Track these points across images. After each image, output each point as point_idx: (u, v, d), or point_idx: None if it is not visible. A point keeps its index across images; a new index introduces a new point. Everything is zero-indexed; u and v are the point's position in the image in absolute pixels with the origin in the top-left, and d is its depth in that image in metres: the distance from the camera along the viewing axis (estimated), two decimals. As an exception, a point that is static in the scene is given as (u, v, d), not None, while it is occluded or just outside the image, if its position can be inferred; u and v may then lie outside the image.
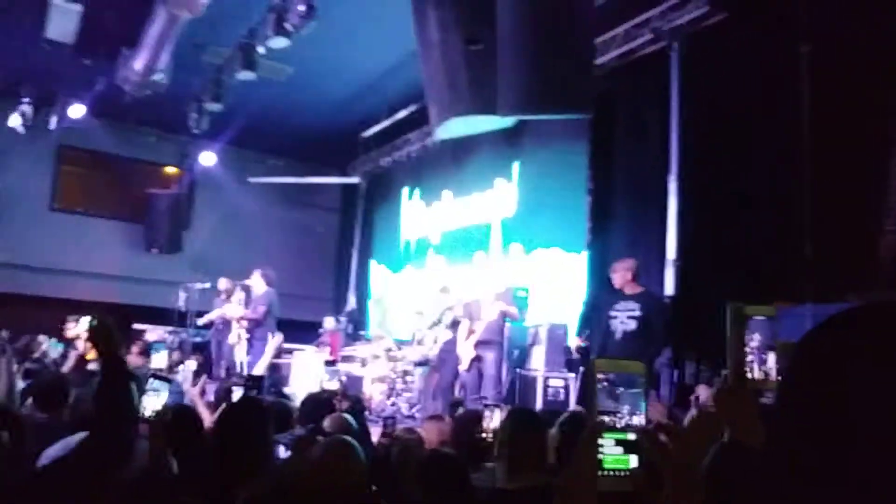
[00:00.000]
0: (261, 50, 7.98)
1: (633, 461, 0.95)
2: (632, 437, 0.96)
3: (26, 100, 10.34)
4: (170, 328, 10.66)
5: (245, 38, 8.07)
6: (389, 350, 9.06)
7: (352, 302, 12.59)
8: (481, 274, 9.00)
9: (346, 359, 9.54)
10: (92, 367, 5.22)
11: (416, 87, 6.31)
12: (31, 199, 11.85)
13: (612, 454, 0.95)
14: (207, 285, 10.44)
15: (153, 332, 10.57)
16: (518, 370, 7.57)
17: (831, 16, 5.42)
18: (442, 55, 5.00)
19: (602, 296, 6.36)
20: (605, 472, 0.94)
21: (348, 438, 2.52)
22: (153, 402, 2.69)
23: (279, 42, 7.45)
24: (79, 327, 5.21)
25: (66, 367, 5.36)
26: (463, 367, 7.56)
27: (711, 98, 6.60)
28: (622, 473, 0.94)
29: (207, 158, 12.35)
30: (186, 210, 12.91)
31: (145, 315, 10.71)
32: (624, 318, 5.84)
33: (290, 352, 9.73)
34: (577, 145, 8.19)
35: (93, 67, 9.19)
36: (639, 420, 0.98)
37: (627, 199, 7.63)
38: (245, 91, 9.02)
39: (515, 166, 9.44)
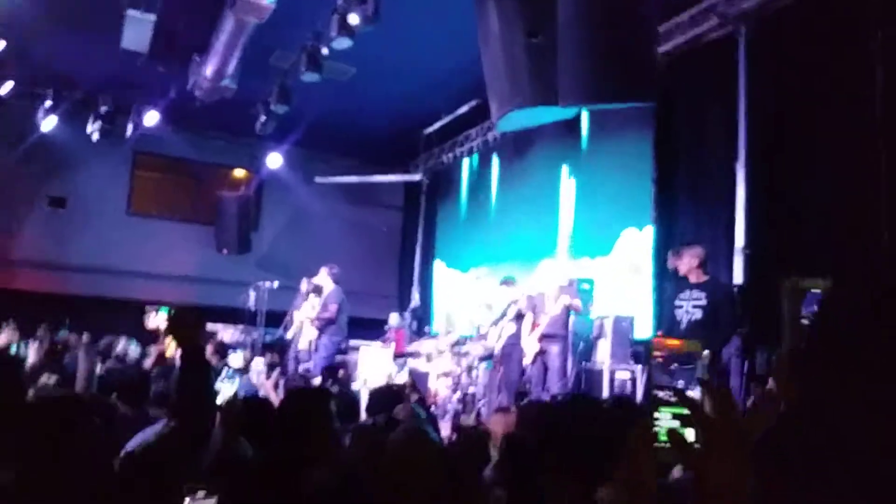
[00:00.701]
0: (324, 51, 8.16)
1: (689, 434, 0.94)
2: (688, 411, 0.94)
3: (103, 108, 10.80)
4: (241, 327, 11.01)
5: (310, 40, 8.25)
6: (454, 345, 9.12)
7: (416, 299, 12.71)
8: (547, 270, 8.97)
9: (411, 355, 9.65)
10: (172, 362, 5.43)
11: (476, 83, 6.34)
12: (108, 205, 12.40)
13: (669, 427, 0.96)
14: (276, 284, 10.73)
15: (225, 332, 10.94)
16: (584, 363, 7.52)
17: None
18: (503, 48, 5.02)
19: (667, 285, 6.27)
20: (662, 444, 0.94)
21: (423, 426, 2.58)
22: (227, 391, 2.81)
23: (343, 43, 7.60)
24: (157, 318, 5.42)
25: (148, 364, 5.59)
26: (527, 360, 7.56)
27: (780, 84, 6.43)
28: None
29: (274, 160, 12.68)
30: (255, 211, 13.29)
31: (218, 315, 11.06)
32: (689, 308, 5.75)
33: (356, 348, 9.92)
34: (641, 134, 8.10)
35: (166, 75, 9.57)
36: (693, 394, 0.97)
37: (693, 188, 7.49)
38: (309, 93, 9.22)
39: (578, 159, 9.36)
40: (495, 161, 11.38)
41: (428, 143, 12.65)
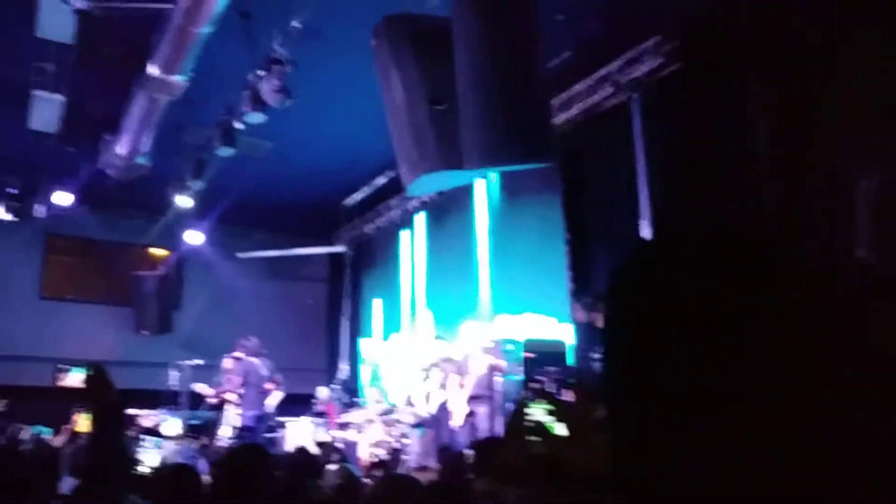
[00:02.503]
0: (239, 126, 8.24)
1: (560, 428, 1.02)
2: (555, 406, 1.03)
3: (12, 190, 10.53)
4: (164, 410, 10.61)
5: (223, 115, 8.33)
6: (384, 414, 9.04)
7: (344, 370, 12.56)
8: (470, 330, 9.06)
9: (343, 426, 9.51)
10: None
11: (392, 153, 6.53)
12: (19, 288, 11.94)
13: (543, 422, 1.01)
14: (201, 362, 10.47)
15: (147, 418, 10.52)
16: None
17: (776, 52, 5.71)
18: (408, 115, 5.22)
19: (583, 342, 6.44)
20: (535, 439, 1.00)
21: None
22: (150, 457, 2.76)
23: (256, 118, 7.70)
24: (71, 378, 5.23)
25: (59, 442, 5.35)
26: (457, 422, 7.56)
27: (674, 142, 6.86)
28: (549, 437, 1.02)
29: (194, 237, 12.50)
30: (176, 290, 13.00)
31: (139, 398, 10.65)
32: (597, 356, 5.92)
33: (282, 425, 9.72)
34: (551, 195, 8.40)
35: (77, 155, 9.45)
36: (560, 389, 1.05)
37: (604, 246, 7.79)
38: (227, 168, 9.26)
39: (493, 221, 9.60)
40: (417, 227, 11.55)
41: (349, 214, 12.78)
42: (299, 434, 8.91)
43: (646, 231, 6.95)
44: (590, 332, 6.37)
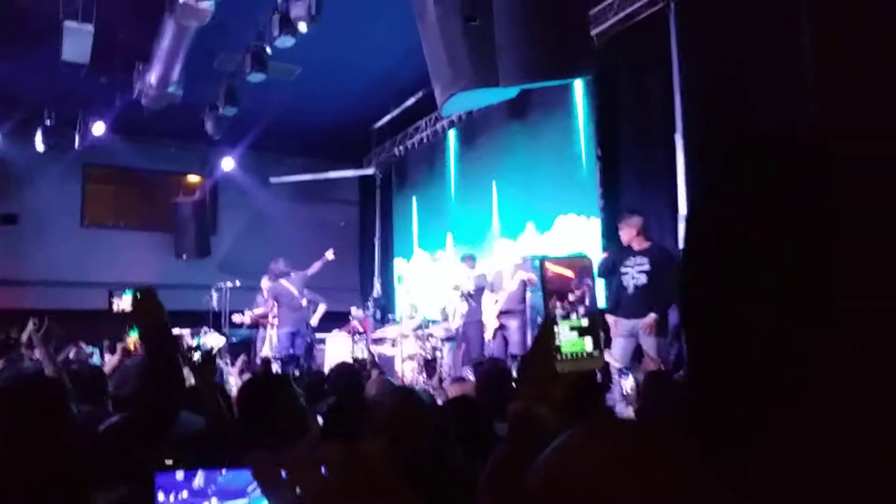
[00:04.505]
0: (268, 51, 8.24)
1: (588, 344, 0.99)
2: (585, 322, 1.00)
3: (49, 122, 10.71)
4: (205, 329, 11.04)
5: (253, 40, 8.32)
6: (418, 328, 9.32)
7: (378, 288, 12.87)
8: (503, 248, 9.21)
9: (377, 341, 9.83)
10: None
11: (422, 74, 6.49)
12: (61, 218, 12.29)
13: (568, 340, 0.99)
14: (238, 284, 10.80)
15: (190, 337, 10.96)
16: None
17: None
18: (442, 33, 5.20)
19: (613, 254, 6.53)
20: (564, 357, 0.98)
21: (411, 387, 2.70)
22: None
23: (286, 42, 7.69)
24: (124, 301, 5.42)
25: (113, 362, 5.60)
26: (488, 335, 7.81)
27: (710, 54, 6.73)
28: (580, 356, 0.99)
29: (227, 164, 12.71)
30: (212, 215, 13.29)
31: (182, 320, 11.06)
32: (635, 273, 6.05)
33: (321, 341, 10.07)
34: (585, 114, 8.36)
35: (110, 85, 9.54)
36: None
37: (636, 162, 7.77)
38: (258, 94, 9.30)
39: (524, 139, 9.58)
40: (447, 148, 11.56)
41: (379, 136, 12.80)
42: (337, 349, 9.24)
43: (679, 149, 6.92)
44: (619, 249, 6.44)
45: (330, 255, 9.88)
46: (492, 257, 9.32)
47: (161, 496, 1.63)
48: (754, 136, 0.57)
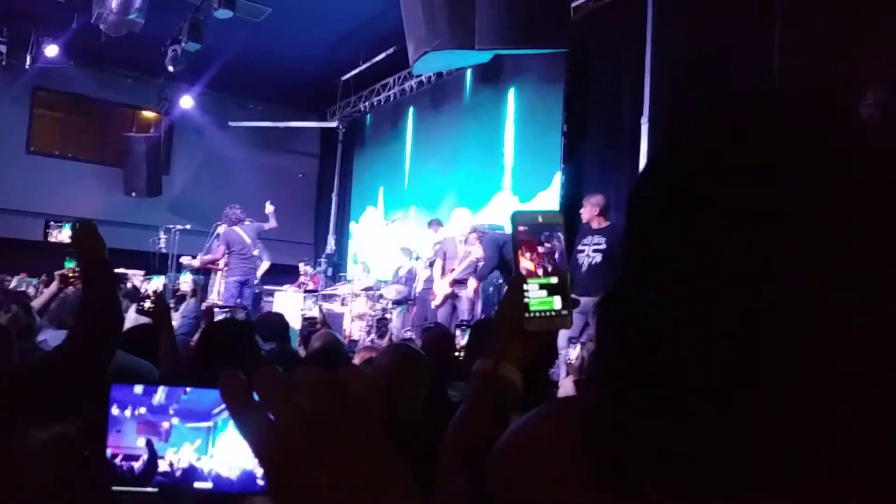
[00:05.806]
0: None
1: (556, 302, 0.97)
2: (554, 280, 0.97)
3: (0, 39, 10.20)
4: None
5: (223, -25, 8.03)
6: (369, 289, 9.28)
7: (331, 244, 12.75)
8: (457, 216, 9.18)
9: (327, 297, 9.76)
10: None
11: (394, 30, 6.36)
12: (6, 142, 11.77)
13: (537, 297, 0.97)
14: (189, 227, 10.56)
15: (135, 276, 10.70)
16: (495, 306, 7.79)
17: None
18: (421, -10, 5.09)
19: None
20: (532, 314, 0.96)
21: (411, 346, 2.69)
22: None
23: (258, -21, 7.45)
24: (62, 234, 5.22)
25: (52, 289, 5.40)
26: (436, 302, 7.81)
27: (684, 41, 6.73)
28: (549, 314, 0.97)
29: (186, 102, 12.31)
30: (166, 154, 12.90)
31: (128, 259, 10.78)
32: (590, 252, 6.08)
33: (270, 294, 9.94)
34: (552, 90, 8.31)
35: (68, 4, 9.11)
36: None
37: (601, 141, 7.78)
38: (223, 32, 9.00)
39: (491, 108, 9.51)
40: (411, 109, 11.43)
41: (345, 90, 12.54)
42: (288, 305, 9.13)
43: (644, 135, 6.94)
44: (583, 229, 6.46)
45: (269, 207, 9.71)
46: (449, 225, 9.30)
47: (115, 410, 1.53)
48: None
